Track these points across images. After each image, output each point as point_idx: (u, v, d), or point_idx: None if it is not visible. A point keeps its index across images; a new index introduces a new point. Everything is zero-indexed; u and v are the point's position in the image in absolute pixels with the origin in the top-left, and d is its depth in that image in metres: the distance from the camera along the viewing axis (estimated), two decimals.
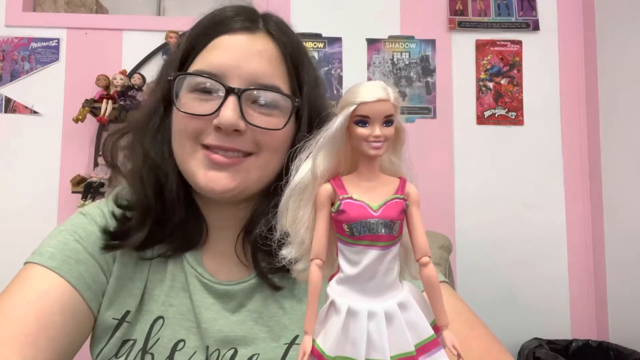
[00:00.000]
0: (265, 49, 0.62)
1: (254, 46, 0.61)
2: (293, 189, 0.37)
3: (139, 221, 0.62)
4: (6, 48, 1.73)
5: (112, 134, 0.67)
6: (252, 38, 0.62)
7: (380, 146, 0.34)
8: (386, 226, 0.34)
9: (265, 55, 0.61)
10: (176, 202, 0.62)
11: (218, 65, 0.59)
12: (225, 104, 0.57)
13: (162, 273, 0.66)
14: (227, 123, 0.57)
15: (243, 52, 0.60)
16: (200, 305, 0.64)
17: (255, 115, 0.59)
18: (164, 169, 0.62)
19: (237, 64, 0.59)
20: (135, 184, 0.62)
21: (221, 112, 0.57)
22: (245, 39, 0.61)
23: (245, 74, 0.59)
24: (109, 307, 0.63)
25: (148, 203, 0.61)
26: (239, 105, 0.58)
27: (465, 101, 1.80)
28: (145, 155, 0.62)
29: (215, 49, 0.61)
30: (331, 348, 0.34)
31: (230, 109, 0.57)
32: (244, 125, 0.58)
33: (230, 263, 0.66)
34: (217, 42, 0.61)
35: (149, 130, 0.64)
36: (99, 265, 0.62)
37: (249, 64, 0.60)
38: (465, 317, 0.64)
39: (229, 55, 0.60)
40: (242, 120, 0.58)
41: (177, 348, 0.62)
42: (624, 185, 1.60)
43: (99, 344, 0.63)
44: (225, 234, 0.67)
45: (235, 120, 0.57)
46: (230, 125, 0.57)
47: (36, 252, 0.61)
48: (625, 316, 1.59)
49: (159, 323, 0.63)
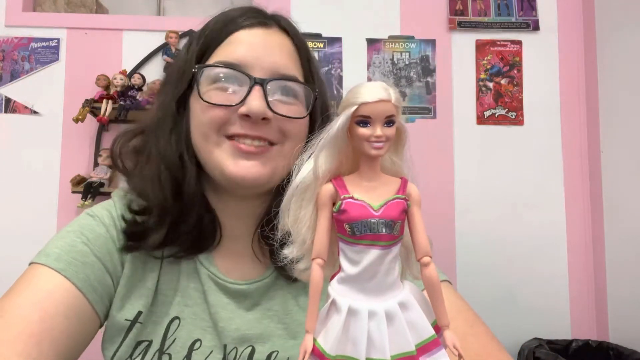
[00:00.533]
0: (282, 42, 0.63)
1: (272, 39, 0.63)
2: (295, 189, 0.38)
3: (157, 222, 0.62)
4: (6, 48, 1.73)
5: (119, 138, 0.67)
6: (269, 32, 0.63)
7: (381, 146, 0.35)
8: (387, 226, 0.34)
9: (284, 48, 0.63)
10: (194, 202, 0.62)
11: (239, 57, 0.60)
12: (251, 94, 0.58)
13: (174, 274, 0.66)
14: (258, 111, 0.57)
15: (262, 45, 0.61)
16: (216, 305, 0.64)
17: (280, 105, 0.60)
18: (182, 169, 0.62)
19: (258, 55, 0.60)
20: (154, 185, 0.62)
21: (249, 101, 0.58)
22: (263, 32, 0.63)
23: (267, 66, 0.60)
24: (121, 309, 0.63)
25: (167, 204, 0.61)
26: (264, 95, 0.58)
27: (465, 101, 1.80)
28: (162, 156, 0.62)
29: (234, 43, 0.62)
30: (332, 347, 0.34)
31: (258, 98, 0.58)
32: (271, 114, 0.59)
33: (243, 262, 0.67)
34: (234, 37, 0.62)
35: (162, 131, 0.64)
36: (106, 268, 0.62)
37: (270, 56, 0.61)
38: (465, 315, 0.65)
39: (249, 48, 0.61)
40: (269, 109, 0.59)
41: (194, 348, 0.63)
42: (624, 185, 1.60)
43: (112, 346, 0.63)
44: (238, 233, 0.67)
45: (264, 109, 0.58)
46: (260, 114, 0.58)
47: (42, 252, 0.61)
48: (625, 316, 1.59)
49: (175, 323, 0.64)
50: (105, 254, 0.62)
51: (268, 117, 0.59)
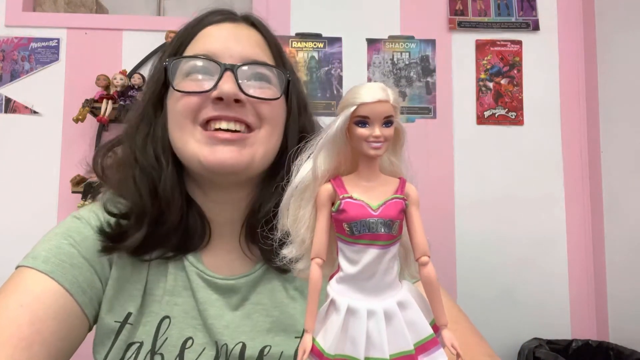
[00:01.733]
0: (250, 33, 0.66)
1: (240, 31, 0.65)
2: (294, 189, 0.38)
3: (136, 223, 0.62)
4: (6, 48, 1.73)
5: (101, 147, 0.69)
6: (237, 25, 0.66)
7: (380, 146, 0.35)
8: (385, 225, 0.34)
9: (252, 39, 0.65)
10: (172, 201, 0.62)
11: (209, 49, 0.62)
12: (222, 79, 0.59)
13: (162, 274, 0.65)
14: (229, 92, 0.58)
15: (231, 37, 0.63)
16: (205, 302, 0.64)
17: (252, 89, 0.61)
18: (157, 168, 0.63)
19: (226, 45, 0.62)
20: (128, 187, 0.62)
21: (219, 85, 0.59)
22: (231, 26, 0.65)
23: (236, 55, 0.62)
24: (110, 311, 0.63)
25: (143, 204, 0.61)
26: (235, 79, 0.59)
27: (465, 101, 1.80)
28: (136, 158, 0.63)
29: (203, 37, 0.64)
30: (331, 346, 0.34)
31: (229, 81, 0.59)
32: (244, 96, 0.60)
33: (230, 258, 0.67)
34: (203, 32, 0.64)
35: (139, 134, 0.65)
36: (94, 270, 0.62)
37: (238, 46, 0.62)
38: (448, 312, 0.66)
39: (218, 41, 0.63)
40: (241, 92, 0.60)
41: (186, 346, 0.63)
42: (624, 185, 1.60)
43: (103, 349, 0.63)
44: (225, 229, 0.67)
45: (235, 90, 0.59)
46: (232, 95, 0.59)
47: (29, 255, 0.61)
48: (625, 316, 1.59)
49: (166, 323, 0.63)
50: (92, 255, 0.62)
51: (241, 99, 0.59)
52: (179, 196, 0.63)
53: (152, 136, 0.64)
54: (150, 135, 0.64)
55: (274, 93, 0.63)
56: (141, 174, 0.62)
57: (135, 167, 0.63)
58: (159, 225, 0.62)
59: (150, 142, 0.64)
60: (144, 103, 0.66)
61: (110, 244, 0.62)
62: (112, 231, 0.63)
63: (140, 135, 0.64)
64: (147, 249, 0.63)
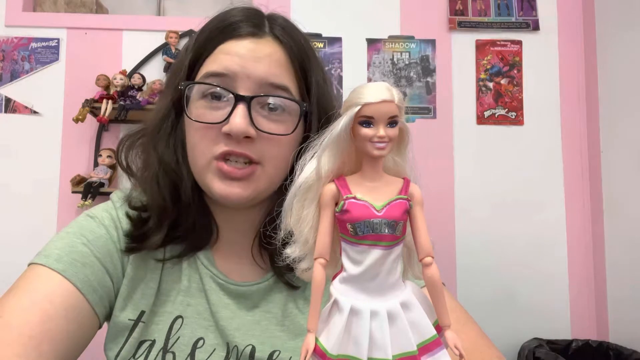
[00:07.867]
0: (272, 52, 0.62)
1: (261, 50, 0.62)
2: (298, 189, 0.38)
3: (157, 223, 0.63)
4: (6, 48, 1.73)
5: (125, 139, 0.68)
6: (259, 42, 0.62)
7: (384, 147, 0.35)
8: (389, 226, 0.34)
9: (273, 58, 0.62)
10: (191, 205, 0.63)
11: (225, 68, 0.60)
12: (234, 112, 0.58)
13: (176, 274, 0.67)
14: (238, 131, 0.58)
15: (250, 56, 0.61)
16: (217, 304, 0.65)
17: (265, 122, 0.60)
18: (179, 173, 0.63)
19: (245, 66, 0.60)
20: (153, 188, 0.63)
21: (231, 119, 0.58)
22: (251, 43, 0.62)
23: (254, 76, 0.60)
24: (124, 309, 0.64)
25: (165, 206, 0.62)
26: (248, 111, 0.58)
27: (465, 101, 1.80)
28: (160, 160, 0.63)
29: (222, 53, 0.62)
30: (334, 346, 0.34)
31: (240, 116, 0.58)
32: (254, 132, 0.59)
33: (243, 264, 0.67)
34: (223, 47, 0.62)
35: (162, 134, 0.65)
36: (106, 269, 0.62)
37: (257, 67, 0.60)
38: (457, 314, 0.66)
39: (236, 59, 0.60)
40: (252, 127, 0.59)
41: (197, 346, 0.63)
42: (624, 185, 1.60)
43: (115, 346, 0.63)
44: (237, 236, 0.68)
45: (245, 128, 0.58)
46: (241, 133, 0.58)
47: (42, 253, 0.61)
48: (625, 316, 1.59)
49: (179, 322, 0.64)
50: (105, 255, 0.63)
51: (250, 136, 0.59)
52: (198, 202, 0.64)
53: (175, 138, 0.65)
54: (172, 136, 0.65)
55: (286, 127, 0.61)
56: (165, 176, 0.63)
57: (160, 169, 0.63)
58: (176, 226, 0.64)
59: (172, 145, 0.64)
60: (166, 102, 0.66)
61: (134, 244, 0.63)
62: (135, 231, 0.64)
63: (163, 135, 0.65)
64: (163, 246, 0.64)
